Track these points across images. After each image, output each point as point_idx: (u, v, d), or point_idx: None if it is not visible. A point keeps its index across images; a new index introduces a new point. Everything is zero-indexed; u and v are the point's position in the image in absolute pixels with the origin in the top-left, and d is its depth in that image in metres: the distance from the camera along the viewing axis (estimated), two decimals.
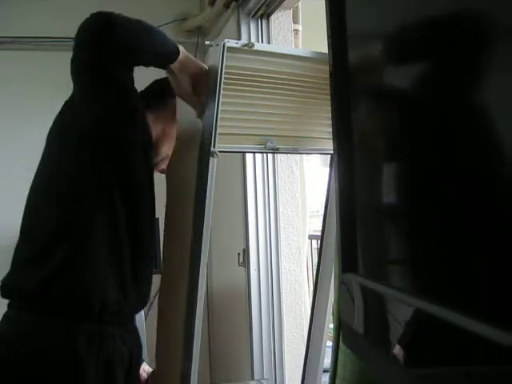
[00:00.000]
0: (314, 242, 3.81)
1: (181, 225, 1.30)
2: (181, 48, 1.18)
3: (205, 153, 1.13)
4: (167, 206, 1.35)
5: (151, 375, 1.37)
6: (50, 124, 1.30)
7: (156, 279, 2.35)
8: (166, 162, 1.32)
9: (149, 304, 2.55)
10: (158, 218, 2.26)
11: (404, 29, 0.48)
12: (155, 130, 1.27)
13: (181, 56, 1.17)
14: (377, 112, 0.56)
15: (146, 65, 1.18)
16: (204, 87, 1.20)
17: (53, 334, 1.06)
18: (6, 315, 1.11)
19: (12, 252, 1.16)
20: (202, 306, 1.16)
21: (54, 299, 1.07)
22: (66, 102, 1.19)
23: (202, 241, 1.13)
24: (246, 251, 2.15)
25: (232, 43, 1.10)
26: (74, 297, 1.08)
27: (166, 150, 1.30)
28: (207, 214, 1.14)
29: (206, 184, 1.13)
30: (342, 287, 0.60)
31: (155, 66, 1.19)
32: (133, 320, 1.24)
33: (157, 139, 1.27)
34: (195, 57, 2.74)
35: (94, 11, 1.14)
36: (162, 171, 1.34)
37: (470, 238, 0.38)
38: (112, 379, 1.10)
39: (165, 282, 1.37)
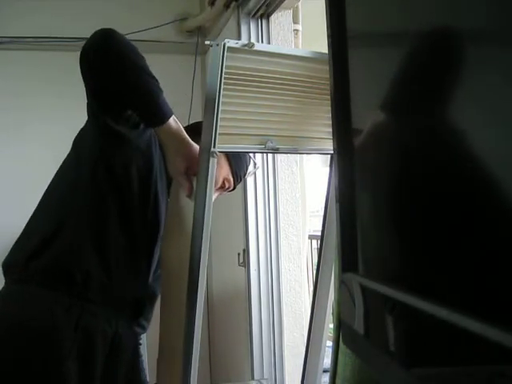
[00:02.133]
0: (314, 241, 3.81)
1: (180, 225, 1.30)
2: (176, 123, 1.18)
3: (205, 153, 1.13)
4: (169, 205, 1.35)
5: None
6: (49, 124, 1.31)
7: None
8: None
9: None
10: None
11: (404, 28, 0.48)
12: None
13: (175, 128, 1.17)
14: (377, 112, 0.56)
15: (129, 106, 1.16)
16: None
17: (34, 302, 1.14)
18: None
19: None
20: (202, 306, 1.16)
21: (38, 270, 1.15)
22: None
23: (202, 241, 1.13)
24: (246, 251, 2.15)
25: (232, 43, 1.10)
26: (55, 266, 1.15)
27: None
28: (207, 214, 1.14)
29: (206, 184, 1.13)
30: (342, 287, 0.60)
31: (140, 114, 1.17)
32: (125, 315, 1.25)
33: None
34: (195, 57, 2.72)
35: (94, 11, 1.15)
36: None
37: (470, 237, 0.38)
38: (90, 352, 1.14)
39: (165, 282, 1.37)
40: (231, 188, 1.39)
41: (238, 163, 1.38)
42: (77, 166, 1.22)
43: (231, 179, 1.36)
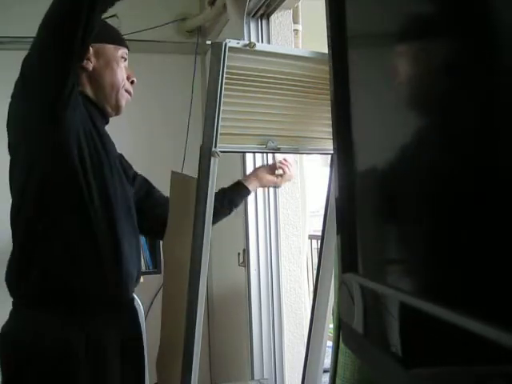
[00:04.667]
0: (314, 241, 3.81)
1: (181, 225, 1.30)
2: None
3: (206, 152, 1.13)
4: (170, 207, 1.35)
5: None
6: None
7: (156, 279, 2.35)
8: (122, 91, 1.32)
9: (148, 305, 2.55)
10: None
11: (405, 28, 0.48)
12: (94, 61, 1.29)
13: None
14: (376, 111, 0.56)
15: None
16: None
17: (43, 326, 1.15)
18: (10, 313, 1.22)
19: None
20: (202, 306, 1.16)
21: (39, 294, 1.16)
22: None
23: (203, 241, 1.13)
24: (246, 251, 2.15)
25: (233, 43, 1.10)
26: (53, 287, 1.16)
27: (111, 79, 1.30)
28: (208, 214, 1.14)
29: (207, 184, 1.13)
30: (342, 287, 0.60)
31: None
32: (121, 301, 1.27)
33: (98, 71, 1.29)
34: (195, 57, 2.70)
35: None
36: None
37: (471, 237, 0.38)
38: (104, 364, 1.17)
39: (167, 282, 1.37)
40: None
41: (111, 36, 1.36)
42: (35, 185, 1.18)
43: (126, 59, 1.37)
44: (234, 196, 1.52)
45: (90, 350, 1.15)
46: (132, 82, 1.36)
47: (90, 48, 1.26)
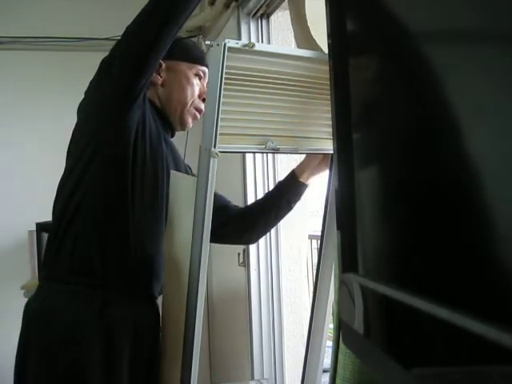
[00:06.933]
0: (314, 241, 3.81)
1: (181, 225, 1.30)
2: None
3: (205, 153, 1.13)
4: (169, 207, 1.36)
5: None
6: (50, 124, 1.32)
7: None
8: (190, 109, 1.38)
9: None
10: None
11: (405, 29, 0.48)
12: (164, 76, 1.36)
13: None
14: (376, 112, 0.56)
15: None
16: None
17: (58, 298, 1.20)
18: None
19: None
20: (202, 306, 1.16)
21: (60, 265, 1.21)
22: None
23: (203, 241, 1.13)
24: (246, 251, 2.15)
25: (232, 43, 1.10)
26: (74, 258, 1.20)
27: (178, 94, 1.36)
28: (207, 215, 1.14)
29: (207, 184, 1.13)
30: (342, 287, 0.60)
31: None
32: (141, 293, 1.29)
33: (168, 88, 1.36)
34: None
35: (94, 12, 1.17)
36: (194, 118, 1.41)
37: (472, 237, 0.38)
38: (112, 341, 1.19)
39: (166, 283, 1.37)
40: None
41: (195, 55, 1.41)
42: (87, 160, 1.24)
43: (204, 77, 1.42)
44: (292, 196, 1.52)
45: (101, 330, 1.17)
46: (204, 100, 1.38)
47: (163, 64, 1.33)
